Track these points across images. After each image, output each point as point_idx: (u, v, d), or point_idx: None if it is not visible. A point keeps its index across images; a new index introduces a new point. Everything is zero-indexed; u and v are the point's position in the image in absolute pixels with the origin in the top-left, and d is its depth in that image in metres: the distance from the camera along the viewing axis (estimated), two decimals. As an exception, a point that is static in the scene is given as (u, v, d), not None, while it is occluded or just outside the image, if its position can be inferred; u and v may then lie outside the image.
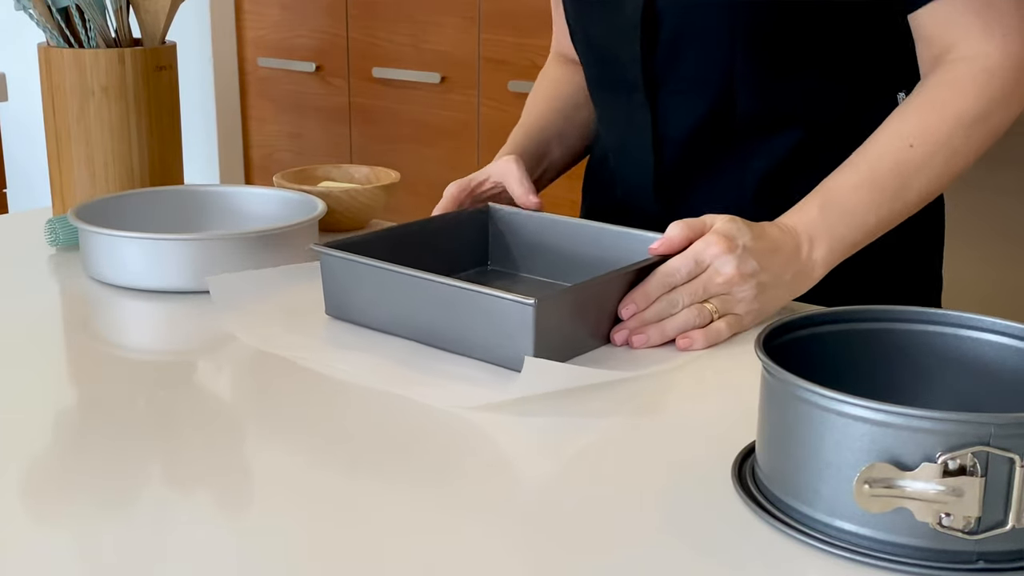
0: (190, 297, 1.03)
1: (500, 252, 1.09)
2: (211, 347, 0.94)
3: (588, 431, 0.78)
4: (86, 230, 1.06)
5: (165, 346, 0.97)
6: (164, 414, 0.80)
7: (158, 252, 1.03)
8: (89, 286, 1.08)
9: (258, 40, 2.95)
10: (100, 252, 1.06)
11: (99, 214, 1.11)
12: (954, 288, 1.41)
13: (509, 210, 1.09)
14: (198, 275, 1.03)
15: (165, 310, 1.01)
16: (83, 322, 1.03)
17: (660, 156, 1.11)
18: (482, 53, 2.54)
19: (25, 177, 3.06)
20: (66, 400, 0.84)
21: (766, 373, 0.65)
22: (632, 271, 0.93)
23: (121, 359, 0.93)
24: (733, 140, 1.08)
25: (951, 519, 0.58)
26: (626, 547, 0.62)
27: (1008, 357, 0.70)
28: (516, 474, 0.73)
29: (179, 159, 1.29)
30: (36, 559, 0.61)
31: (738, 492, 0.67)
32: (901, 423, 0.58)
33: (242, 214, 1.21)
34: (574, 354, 0.89)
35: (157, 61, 1.23)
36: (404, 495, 0.69)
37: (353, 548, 0.62)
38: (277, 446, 0.75)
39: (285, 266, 1.04)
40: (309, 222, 1.09)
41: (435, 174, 2.68)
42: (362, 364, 0.87)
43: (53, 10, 1.21)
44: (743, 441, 0.72)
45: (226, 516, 0.67)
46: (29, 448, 0.75)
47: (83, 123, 1.21)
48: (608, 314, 0.92)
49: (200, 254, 1.03)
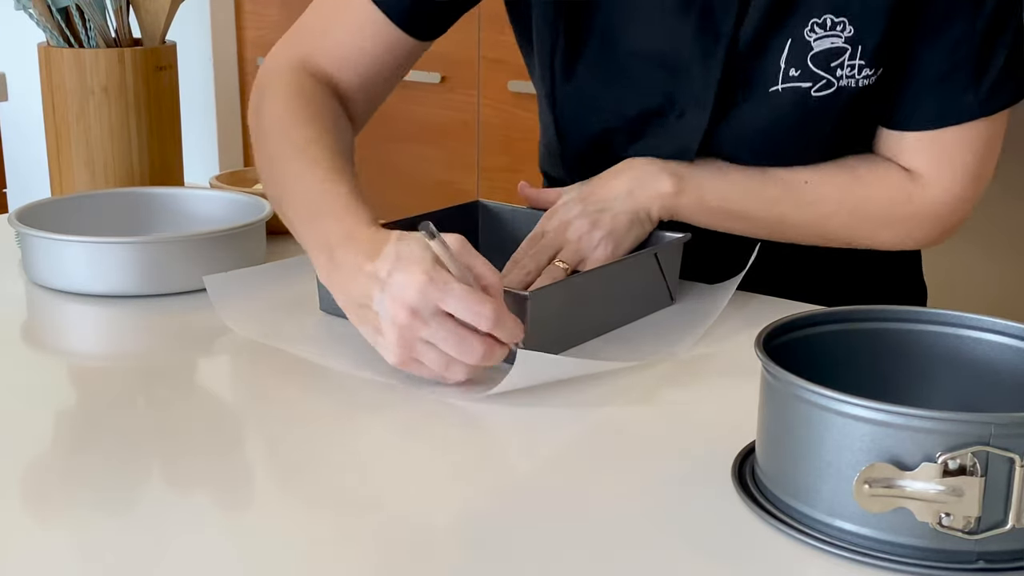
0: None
1: (491, 247, 1.09)
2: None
3: (582, 423, 0.78)
4: (27, 234, 1.03)
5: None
6: (160, 417, 0.80)
7: (101, 256, 1.01)
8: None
9: (258, 40, 2.95)
10: (42, 256, 1.03)
11: (43, 217, 1.08)
12: (955, 288, 1.42)
13: (498, 205, 1.10)
14: (141, 279, 1.01)
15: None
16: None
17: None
18: (482, 53, 2.54)
19: (25, 177, 3.06)
20: (61, 404, 0.85)
21: (766, 373, 0.65)
22: (625, 263, 0.93)
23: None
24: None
25: (951, 519, 0.58)
26: (625, 546, 0.62)
27: (1008, 357, 0.70)
28: (508, 467, 0.74)
29: (179, 159, 1.29)
30: (36, 559, 0.61)
31: (738, 492, 0.67)
32: (901, 423, 0.58)
33: (189, 216, 1.17)
34: (568, 346, 0.90)
35: (157, 61, 1.23)
36: (400, 488, 0.69)
37: (353, 547, 0.62)
38: (276, 445, 0.75)
39: (281, 261, 1.04)
40: (256, 224, 1.07)
41: (435, 174, 2.68)
42: (357, 357, 0.87)
43: (53, 10, 1.21)
44: (743, 441, 0.72)
45: (226, 516, 0.67)
46: (26, 451, 0.75)
47: (83, 123, 1.21)
48: (602, 306, 0.92)
49: (144, 257, 1.01)
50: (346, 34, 1.04)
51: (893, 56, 0.97)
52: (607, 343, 0.92)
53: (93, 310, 1.01)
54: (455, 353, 0.79)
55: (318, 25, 1.06)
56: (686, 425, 0.78)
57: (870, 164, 1.03)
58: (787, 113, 0.99)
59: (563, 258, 0.97)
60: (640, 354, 0.89)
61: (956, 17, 0.95)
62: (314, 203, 0.90)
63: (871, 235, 1.04)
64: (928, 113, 0.99)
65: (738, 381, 0.83)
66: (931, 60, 0.97)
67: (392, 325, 0.79)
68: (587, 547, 0.62)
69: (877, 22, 0.95)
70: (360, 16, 1.03)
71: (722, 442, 0.73)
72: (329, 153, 0.94)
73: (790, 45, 0.96)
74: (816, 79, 0.97)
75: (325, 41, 1.05)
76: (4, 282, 1.08)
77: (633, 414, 0.80)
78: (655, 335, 0.93)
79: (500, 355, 0.79)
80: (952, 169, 1.00)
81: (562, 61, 1.04)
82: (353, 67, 1.05)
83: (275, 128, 0.98)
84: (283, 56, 1.06)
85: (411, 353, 0.80)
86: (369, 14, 1.03)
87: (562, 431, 0.78)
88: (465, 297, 0.77)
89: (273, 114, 1.00)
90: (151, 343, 0.96)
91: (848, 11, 0.95)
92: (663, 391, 0.84)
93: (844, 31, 0.95)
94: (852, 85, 0.97)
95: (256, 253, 1.08)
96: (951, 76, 0.97)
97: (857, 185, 1.02)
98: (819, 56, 0.96)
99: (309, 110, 0.99)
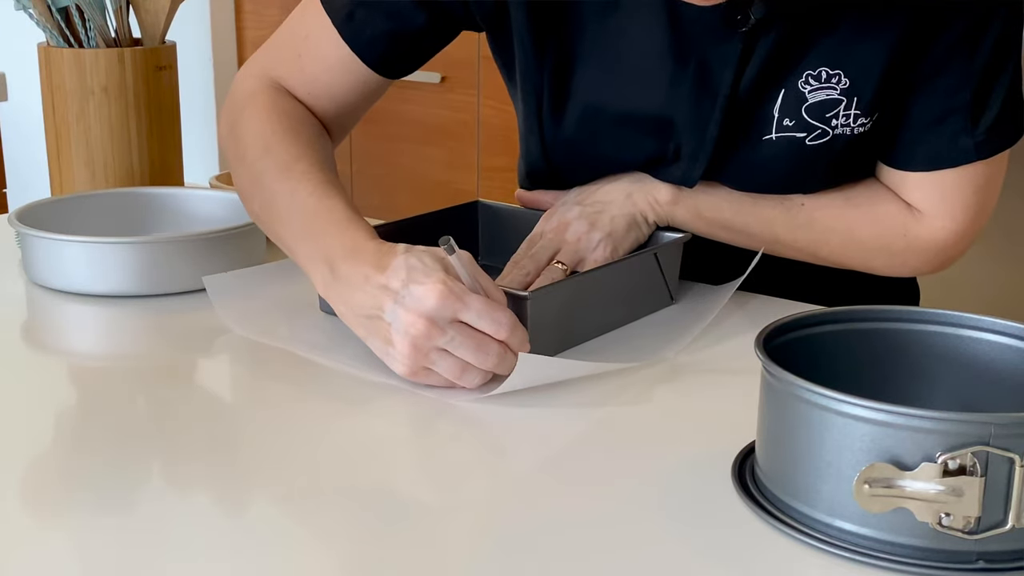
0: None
1: (490, 247, 1.10)
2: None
3: (582, 424, 0.78)
4: (27, 234, 1.03)
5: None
6: (160, 417, 0.80)
7: (101, 256, 1.01)
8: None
9: (258, 40, 2.95)
10: (42, 256, 1.03)
11: (43, 217, 1.08)
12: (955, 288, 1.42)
13: (498, 205, 1.10)
14: (141, 279, 1.01)
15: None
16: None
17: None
18: (482, 53, 2.54)
19: (25, 177, 3.06)
20: (60, 405, 0.85)
21: (766, 373, 0.65)
22: (625, 263, 0.93)
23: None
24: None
25: (951, 519, 0.58)
26: (624, 546, 0.62)
27: (1008, 357, 0.70)
28: (508, 466, 0.74)
29: (179, 159, 1.29)
30: (36, 559, 0.61)
31: (738, 492, 0.67)
32: (901, 423, 0.58)
33: (189, 216, 1.17)
34: (568, 346, 0.90)
35: (157, 61, 1.23)
36: (399, 487, 0.69)
37: (353, 546, 0.62)
38: (275, 445, 0.75)
39: (280, 261, 1.04)
40: (253, 224, 1.06)
41: (435, 174, 2.69)
42: (357, 357, 0.87)
43: (53, 10, 1.21)
44: (743, 441, 0.72)
45: (225, 516, 0.67)
46: (26, 451, 0.75)
47: (83, 123, 1.21)
48: (602, 307, 0.92)
49: (144, 257, 1.01)
50: (320, 71, 1.04)
51: (889, 103, 0.97)
52: (607, 343, 0.92)
53: (93, 310, 1.01)
54: (472, 359, 0.79)
55: (292, 48, 1.06)
56: (686, 425, 0.78)
57: (869, 194, 1.03)
58: (782, 157, 0.99)
59: (562, 259, 0.97)
60: (640, 354, 0.89)
61: (952, 65, 0.95)
62: (309, 218, 0.90)
63: (864, 262, 1.04)
64: (925, 156, 0.99)
65: (738, 381, 0.83)
66: (927, 105, 0.97)
67: (405, 335, 0.79)
68: (587, 547, 0.62)
69: (873, 74, 0.94)
70: (332, 54, 1.03)
71: (722, 442, 0.73)
72: (317, 168, 0.94)
73: (784, 96, 0.96)
74: (811, 129, 0.97)
75: (300, 72, 1.04)
76: (4, 282, 1.08)
77: (633, 414, 0.80)
78: (655, 335, 0.93)
79: (511, 363, 0.80)
80: (952, 207, 1.00)
81: (550, 118, 1.03)
82: (328, 99, 1.05)
83: (257, 145, 0.98)
84: (257, 75, 1.06)
85: (424, 362, 0.80)
86: (342, 54, 1.02)
87: (562, 431, 0.78)
88: (482, 306, 0.79)
89: (253, 131, 0.99)
90: (151, 343, 0.96)
91: (843, 64, 0.94)
92: (663, 391, 0.84)
93: (839, 83, 0.95)
94: (847, 133, 0.97)
95: (256, 253, 1.08)
96: (947, 120, 0.97)
97: (853, 214, 1.02)
98: (814, 107, 0.96)
99: (291, 127, 0.99)
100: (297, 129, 0.99)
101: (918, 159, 0.99)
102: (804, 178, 1.01)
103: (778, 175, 1.00)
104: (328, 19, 1.02)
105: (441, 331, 0.79)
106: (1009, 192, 1.11)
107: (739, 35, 0.93)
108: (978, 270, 1.50)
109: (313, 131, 1.02)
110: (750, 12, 0.91)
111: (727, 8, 0.92)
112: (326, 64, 1.03)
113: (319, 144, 1.00)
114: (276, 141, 0.97)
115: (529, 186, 1.11)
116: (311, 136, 1.00)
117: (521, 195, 1.11)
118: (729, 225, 1.02)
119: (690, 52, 0.96)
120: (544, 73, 1.01)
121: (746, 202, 1.02)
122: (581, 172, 1.06)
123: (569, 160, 1.06)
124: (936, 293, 1.29)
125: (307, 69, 1.04)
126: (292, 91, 1.05)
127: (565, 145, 1.04)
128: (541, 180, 1.09)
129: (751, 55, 0.94)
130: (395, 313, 0.80)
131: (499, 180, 2.61)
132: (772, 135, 0.97)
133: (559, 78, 1.01)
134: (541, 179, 1.09)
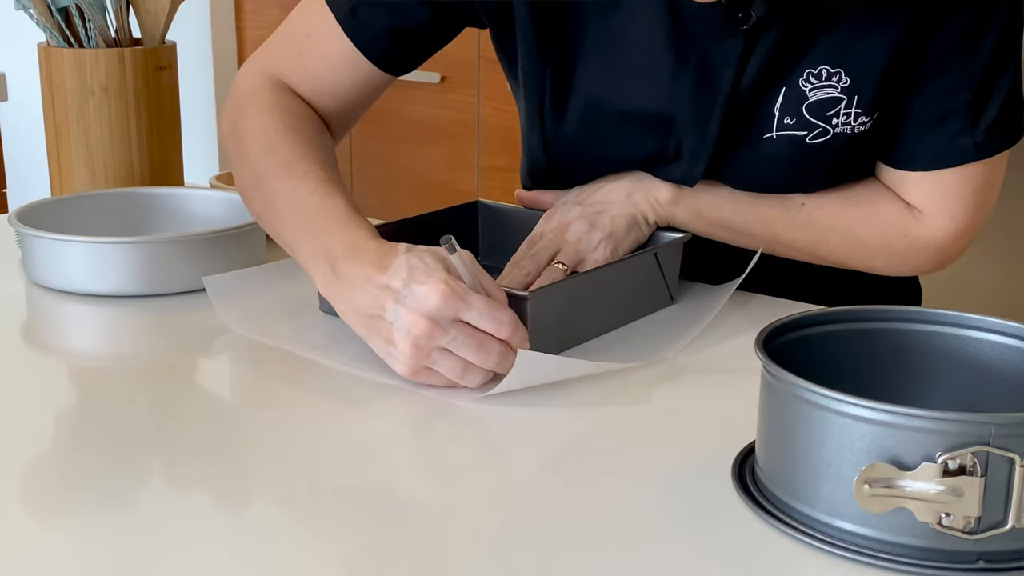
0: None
1: (490, 247, 1.10)
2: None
3: (582, 424, 0.78)
4: (27, 234, 1.03)
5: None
6: (160, 417, 0.80)
7: (101, 256, 1.01)
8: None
9: (258, 40, 2.95)
10: (42, 256, 1.03)
11: (43, 217, 1.08)
12: (955, 288, 1.42)
13: (498, 205, 1.10)
14: (141, 279, 1.01)
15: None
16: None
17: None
18: (482, 53, 2.54)
19: (25, 177, 3.06)
20: (59, 405, 0.85)
21: (766, 373, 0.65)
22: (625, 263, 0.93)
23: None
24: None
25: (951, 519, 0.58)
26: (624, 546, 0.62)
27: (1008, 357, 0.70)
28: (508, 466, 0.74)
29: (179, 159, 1.29)
30: (36, 559, 0.61)
31: (738, 492, 0.67)
32: (901, 423, 0.58)
33: (189, 216, 1.17)
34: (568, 346, 0.90)
35: (157, 61, 1.23)
36: (399, 487, 0.69)
37: (352, 546, 0.62)
38: (275, 445, 0.75)
39: (280, 261, 1.04)
40: (256, 224, 1.06)
41: (435, 174, 2.69)
42: (357, 357, 0.87)
43: (53, 10, 1.21)
44: (743, 441, 0.72)
45: (225, 516, 0.67)
46: (26, 451, 0.75)
47: (83, 123, 1.21)
48: (602, 306, 0.92)
49: (144, 257, 1.01)
50: (323, 67, 1.04)
51: (889, 102, 0.97)
52: (607, 343, 0.92)
53: (93, 310, 1.01)
54: (474, 358, 0.79)
55: (293, 46, 1.06)
56: (686, 425, 0.78)
57: (869, 193, 1.03)
58: (783, 156, 0.99)
59: (562, 259, 0.97)
60: (640, 354, 0.89)
61: (953, 64, 0.95)
62: (310, 217, 0.90)
63: (865, 262, 1.04)
64: (925, 156, 0.99)
65: (738, 381, 0.83)
66: (927, 105, 0.97)
67: (407, 335, 0.79)
68: (587, 547, 0.62)
69: (873, 73, 0.94)
70: (335, 51, 1.03)
71: (722, 442, 0.73)
72: (319, 167, 0.94)
73: (785, 94, 0.96)
74: (811, 127, 0.97)
75: (302, 69, 1.05)
76: (4, 282, 1.08)
77: (633, 414, 0.80)
78: (655, 335, 0.93)
79: (511, 362, 0.80)
80: (951, 206, 1.00)
81: (552, 114, 1.04)
82: (330, 96, 1.05)
83: (259, 144, 0.98)
84: (258, 73, 1.06)
85: (425, 362, 0.80)
86: (345, 51, 1.02)
87: (562, 431, 0.78)
88: (484, 305, 0.79)
89: (255, 130, 0.99)
90: (151, 343, 0.96)
91: (844, 62, 0.94)
92: (663, 391, 0.84)
93: (840, 81, 0.95)
94: (848, 132, 0.97)
95: (256, 253, 1.08)
96: (947, 120, 0.97)
97: (853, 214, 1.02)
98: (814, 105, 0.96)
99: (293, 125, 0.99)
100: (299, 127, 0.99)
101: (918, 159, 0.99)
102: (805, 177, 1.01)
103: (779, 174, 1.00)
104: (331, 15, 1.02)
105: (443, 331, 0.79)
106: (1009, 192, 1.11)
107: (740, 33, 0.93)
108: (978, 270, 1.50)
109: (315, 129, 1.02)
110: (751, 10, 0.91)
111: (728, 6, 0.92)
112: (329, 61, 1.03)
113: (321, 142, 1.00)
114: (278, 140, 0.97)
115: (531, 185, 1.11)
116: (313, 134, 1.00)
117: (521, 195, 1.11)
118: (729, 225, 1.02)
119: (691, 49, 0.96)
120: (546, 69, 1.01)
121: (746, 202, 1.02)
122: (582, 170, 1.06)
123: (570, 158, 1.06)
124: (936, 293, 1.29)
125: (309, 66, 1.04)
126: (294, 88, 1.05)
127: (566, 142, 1.04)
128: (543, 178, 1.09)
129: (752, 53, 0.94)
130: (397, 313, 0.80)
131: (499, 180, 2.61)
132: (773, 133, 0.97)
133: (561, 75, 1.01)
134: (543, 177, 1.09)
